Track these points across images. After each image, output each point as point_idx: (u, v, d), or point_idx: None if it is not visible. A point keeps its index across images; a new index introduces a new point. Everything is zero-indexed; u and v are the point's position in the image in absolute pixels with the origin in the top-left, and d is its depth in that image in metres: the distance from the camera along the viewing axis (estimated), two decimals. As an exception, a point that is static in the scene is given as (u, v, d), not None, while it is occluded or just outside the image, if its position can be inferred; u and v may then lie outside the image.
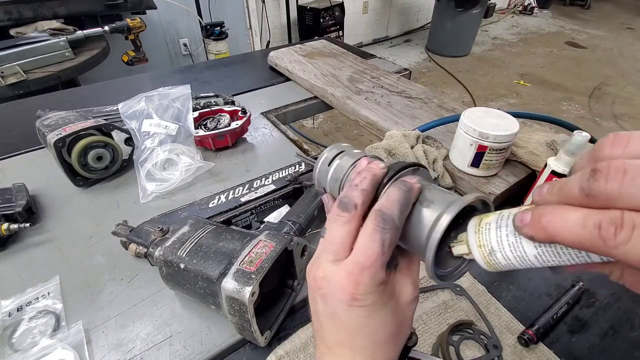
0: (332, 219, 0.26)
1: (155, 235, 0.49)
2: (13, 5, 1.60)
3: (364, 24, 3.91)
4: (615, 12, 5.16)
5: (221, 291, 0.40)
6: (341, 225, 0.26)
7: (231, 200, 0.58)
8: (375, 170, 0.27)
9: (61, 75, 1.48)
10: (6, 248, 0.57)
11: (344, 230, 0.25)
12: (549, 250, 0.20)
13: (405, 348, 0.34)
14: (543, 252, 0.20)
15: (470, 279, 0.53)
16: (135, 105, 0.72)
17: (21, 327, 0.46)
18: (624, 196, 0.15)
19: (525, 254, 0.21)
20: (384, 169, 0.28)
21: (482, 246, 0.23)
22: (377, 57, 1.29)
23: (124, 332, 0.47)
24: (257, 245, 0.43)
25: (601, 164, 0.16)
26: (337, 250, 0.25)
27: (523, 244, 0.20)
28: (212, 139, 0.76)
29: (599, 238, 0.16)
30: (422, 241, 0.25)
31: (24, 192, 0.62)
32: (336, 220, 0.26)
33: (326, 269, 0.25)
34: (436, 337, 0.46)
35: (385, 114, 0.85)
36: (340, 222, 0.26)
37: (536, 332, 0.45)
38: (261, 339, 0.42)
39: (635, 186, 0.15)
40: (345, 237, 0.25)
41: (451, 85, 3.25)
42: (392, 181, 0.27)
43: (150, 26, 2.32)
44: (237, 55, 1.42)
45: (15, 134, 0.86)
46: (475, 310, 0.49)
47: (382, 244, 0.24)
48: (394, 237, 0.25)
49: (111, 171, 0.71)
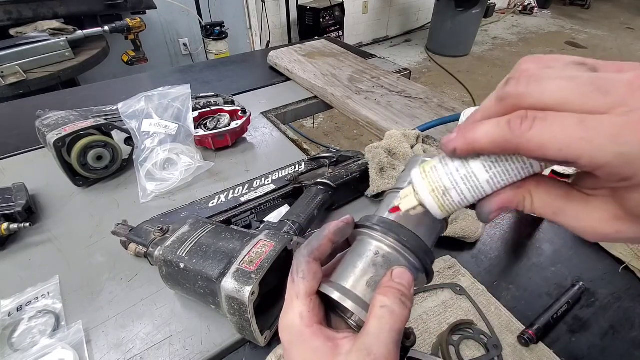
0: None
1: (155, 235, 0.49)
2: (13, 5, 1.60)
3: (364, 24, 3.91)
4: (615, 12, 5.16)
5: (221, 291, 0.39)
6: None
7: (231, 200, 0.58)
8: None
9: (61, 75, 1.48)
10: (6, 248, 0.57)
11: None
12: (498, 170, 0.21)
13: (403, 348, 0.34)
14: (494, 174, 0.21)
15: (470, 278, 0.53)
16: (135, 105, 0.72)
17: (21, 326, 0.46)
18: (529, 95, 0.18)
19: (477, 181, 0.21)
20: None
21: (435, 189, 0.23)
22: (377, 57, 1.29)
23: (123, 331, 0.47)
24: (257, 245, 0.43)
25: (514, 73, 0.19)
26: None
27: (474, 171, 0.21)
28: (212, 138, 0.76)
29: (509, 131, 0.18)
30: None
31: (24, 192, 0.62)
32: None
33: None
34: (436, 337, 0.46)
35: (385, 114, 0.85)
36: None
37: (536, 332, 0.45)
38: (261, 339, 0.42)
39: (539, 86, 0.17)
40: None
41: (451, 85, 3.25)
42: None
43: (150, 26, 2.32)
44: (237, 55, 1.42)
45: (15, 134, 0.86)
46: (475, 309, 0.49)
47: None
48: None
49: (111, 171, 0.71)
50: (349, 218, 0.28)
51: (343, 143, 2.44)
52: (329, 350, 0.23)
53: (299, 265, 0.26)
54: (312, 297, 0.25)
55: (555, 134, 0.17)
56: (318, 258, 0.26)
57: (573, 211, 0.20)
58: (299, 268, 0.26)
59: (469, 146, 0.20)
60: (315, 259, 0.26)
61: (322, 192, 0.59)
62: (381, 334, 0.22)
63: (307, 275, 0.25)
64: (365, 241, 0.27)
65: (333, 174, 0.62)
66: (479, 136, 0.19)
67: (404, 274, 0.24)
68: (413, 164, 0.28)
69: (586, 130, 0.16)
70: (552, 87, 0.17)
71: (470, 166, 0.21)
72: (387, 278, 0.24)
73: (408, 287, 0.24)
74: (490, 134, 0.19)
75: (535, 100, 0.17)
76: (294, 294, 0.25)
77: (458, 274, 0.54)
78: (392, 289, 0.23)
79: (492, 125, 0.19)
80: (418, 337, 0.46)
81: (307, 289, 0.25)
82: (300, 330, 0.24)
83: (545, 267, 0.55)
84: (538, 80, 0.18)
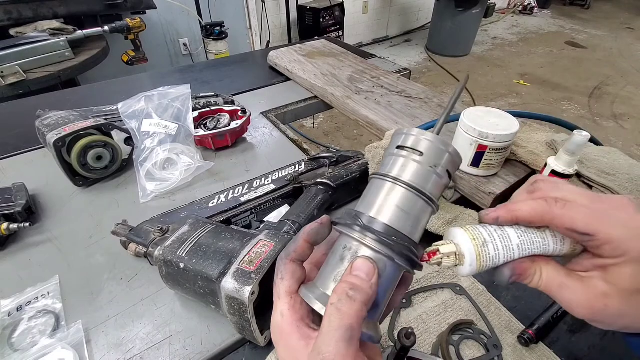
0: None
1: (155, 235, 0.49)
2: (13, 5, 1.60)
3: (364, 24, 3.91)
4: (615, 12, 5.16)
5: (221, 291, 0.39)
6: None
7: (231, 200, 0.58)
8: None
9: (61, 75, 1.48)
10: (6, 248, 0.57)
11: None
12: (527, 238, 0.26)
13: (403, 348, 0.34)
14: (523, 241, 0.26)
15: (470, 278, 0.53)
16: (135, 105, 0.72)
17: (21, 326, 0.46)
18: (554, 191, 0.26)
19: (511, 242, 0.26)
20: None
21: (476, 238, 0.26)
22: (377, 57, 1.29)
23: (123, 331, 0.47)
24: (256, 245, 0.43)
25: (535, 180, 0.28)
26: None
27: (509, 234, 0.26)
28: (212, 138, 0.76)
29: (547, 206, 0.25)
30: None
31: (24, 191, 0.62)
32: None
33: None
34: (436, 337, 0.46)
35: (385, 114, 0.85)
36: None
37: (536, 332, 0.45)
38: (261, 339, 0.42)
39: (558, 189, 0.26)
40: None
41: (451, 85, 3.25)
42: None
43: (150, 26, 2.32)
44: (237, 55, 1.41)
45: (15, 134, 0.86)
46: (475, 309, 0.49)
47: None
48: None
49: (111, 171, 0.71)
50: (325, 218, 0.28)
51: (343, 143, 2.44)
52: (302, 347, 0.23)
53: (278, 267, 0.27)
54: (293, 296, 0.26)
55: (582, 212, 0.24)
56: (296, 259, 0.27)
57: (573, 286, 0.25)
58: (278, 270, 0.27)
59: (512, 214, 0.26)
60: (293, 260, 0.27)
61: (322, 192, 0.59)
62: (329, 333, 0.22)
63: (285, 275, 0.26)
64: (338, 237, 0.27)
65: (333, 174, 0.62)
66: (522, 208, 0.26)
67: (362, 264, 0.24)
68: (396, 138, 0.28)
69: (602, 213, 0.24)
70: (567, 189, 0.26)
71: (506, 230, 0.26)
72: (347, 272, 0.24)
73: (365, 278, 0.23)
74: (531, 206, 0.25)
75: (560, 195, 0.25)
76: (276, 295, 0.26)
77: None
78: (343, 283, 0.23)
79: (533, 202, 0.26)
80: (418, 337, 0.46)
81: (286, 288, 0.26)
82: (281, 328, 0.25)
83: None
84: (555, 185, 0.27)
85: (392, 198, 0.25)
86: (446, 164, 0.26)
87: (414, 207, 0.25)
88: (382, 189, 0.26)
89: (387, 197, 0.25)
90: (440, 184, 0.26)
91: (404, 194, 0.25)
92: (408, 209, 0.25)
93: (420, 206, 0.25)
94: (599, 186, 0.61)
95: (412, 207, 0.25)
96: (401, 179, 0.25)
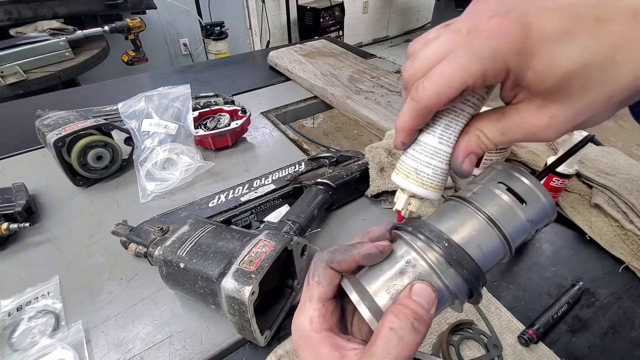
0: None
1: (155, 235, 0.49)
2: (13, 5, 1.60)
3: (364, 24, 3.91)
4: (615, 12, 5.15)
5: (221, 291, 0.39)
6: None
7: (231, 200, 0.58)
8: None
9: (61, 75, 1.48)
10: (6, 248, 0.57)
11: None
12: (440, 129, 0.24)
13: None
14: (440, 134, 0.24)
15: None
16: (135, 105, 0.72)
17: (21, 326, 0.46)
18: (414, 71, 0.22)
19: (432, 146, 0.24)
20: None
21: (408, 174, 0.25)
22: (377, 57, 1.29)
23: (123, 331, 0.47)
24: (256, 245, 0.43)
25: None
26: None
27: (425, 141, 0.24)
28: (212, 138, 0.76)
29: (414, 103, 0.22)
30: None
31: (24, 191, 0.62)
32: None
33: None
34: (436, 337, 0.46)
35: (385, 114, 0.85)
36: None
37: (536, 332, 0.45)
38: (261, 339, 0.42)
39: (416, 62, 0.22)
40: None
41: (451, 85, 3.25)
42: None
43: (150, 26, 2.32)
44: (237, 55, 1.41)
45: (15, 134, 0.86)
46: (475, 309, 0.49)
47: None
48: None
49: (111, 171, 0.71)
50: (387, 247, 0.24)
51: (343, 143, 2.43)
52: (335, 358, 0.22)
53: (316, 269, 0.25)
54: (325, 303, 0.25)
55: (438, 81, 0.20)
56: (337, 268, 0.25)
57: (515, 122, 0.22)
58: (315, 272, 0.25)
59: (403, 131, 0.24)
60: (334, 268, 0.25)
61: (322, 192, 0.59)
62: (385, 358, 0.20)
63: (322, 280, 0.25)
64: (401, 246, 0.24)
65: (333, 174, 0.62)
66: (403, 120, 0.23)
67: (424, 291, 0.22)
68: (503, 175, 0.25)
69: (455, 60, 0.20)
70: (423, 55, 0.22)
71: (420, 140, 0.24)
72: (405, 293, 0.22)
73: (427, 307, 0.21)
74: (406, 114, 0.23)
75: (421, 72, 0.21)
76: (307, 297, 0.25)
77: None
78: (405, 308, 0.21)
79: (405, 109, 0.23)
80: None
81: (321, 294, 0.25)
82: (309, 335, 0.24)
83: (545, 267, 0.55)
84: (414, 57, 0.22)
85: (479, 237, 0.23)
86: (542, 225, 0.25)
87: (494, 255, 0.23)
88: (470, 221, 0.24)
89: (473, 232, 0.23)
90: (524, 238, 0.24)
91: (491, 235, 0.23)
92: (486, 251, 0.23)
93: (499, 254, 0.24)
94: (598, 186, 0.61)
95: (493, 253, 0.23)
96: (498, 224, 0.23)
